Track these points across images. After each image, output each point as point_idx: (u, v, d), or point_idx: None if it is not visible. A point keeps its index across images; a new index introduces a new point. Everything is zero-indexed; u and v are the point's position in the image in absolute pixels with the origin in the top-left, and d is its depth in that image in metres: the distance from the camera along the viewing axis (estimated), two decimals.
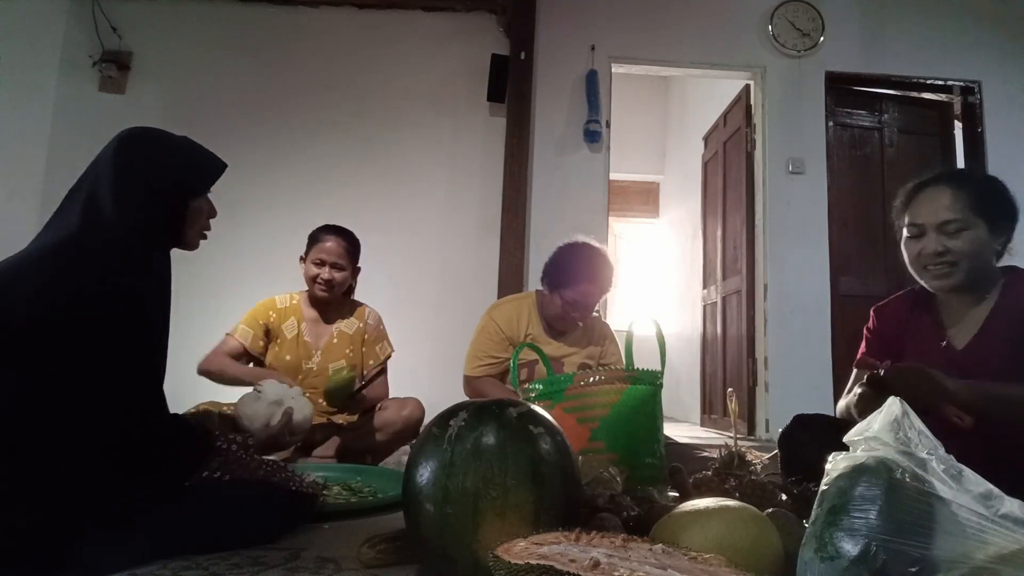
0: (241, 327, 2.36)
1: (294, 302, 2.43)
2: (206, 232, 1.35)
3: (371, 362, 2.46)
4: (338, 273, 2.35)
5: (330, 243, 2.35)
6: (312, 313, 2.43)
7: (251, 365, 2.35)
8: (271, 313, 2.39)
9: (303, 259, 2.40)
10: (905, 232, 1.47)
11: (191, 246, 1.33)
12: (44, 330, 1.08)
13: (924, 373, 1.27)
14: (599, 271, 2.27)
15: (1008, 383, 1.31)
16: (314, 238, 2.39)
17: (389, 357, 2.50)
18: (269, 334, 2.37)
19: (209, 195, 1.34)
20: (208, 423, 1.61)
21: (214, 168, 1.33)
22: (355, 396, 2.30)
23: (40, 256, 1.15)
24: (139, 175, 1.21)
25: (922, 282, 1.47)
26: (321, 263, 2.33)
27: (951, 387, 1.26)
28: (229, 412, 1.84)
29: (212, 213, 1.34)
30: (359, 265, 2.46)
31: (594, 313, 2.53)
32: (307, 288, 2.41)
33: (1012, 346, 1.37)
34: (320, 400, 2.31)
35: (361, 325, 2.47)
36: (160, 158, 1.25)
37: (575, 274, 2.25)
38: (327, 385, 2.24)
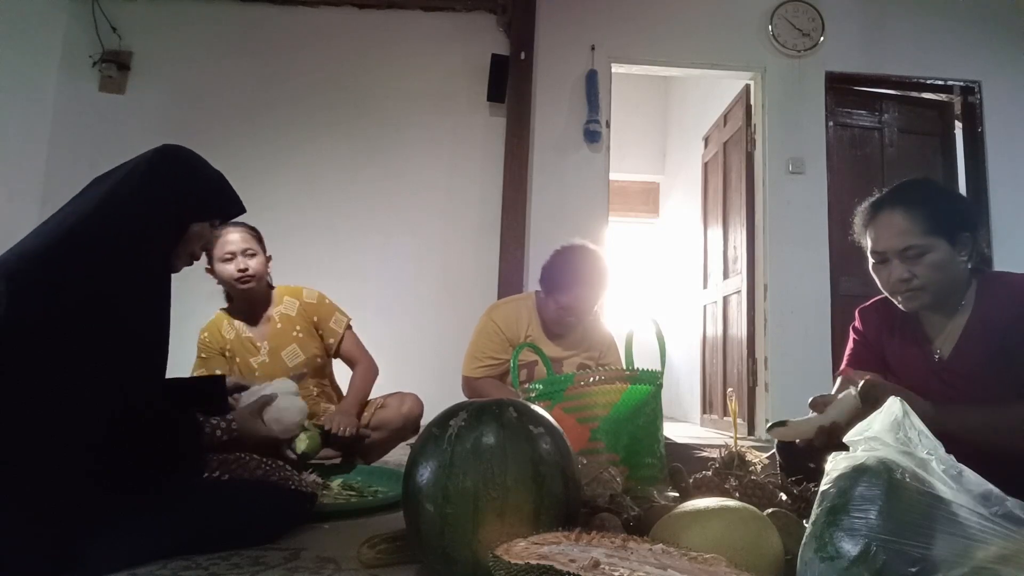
0: (194, 374, 2.20)
1: (220, 313, 2.31)
2: (194, 260, 1.36)
3: (331, 340, 2.33)
4: (252, 260, 2.17)
5: (231, 235, 2.16)
6: (243, 315, 2.29)
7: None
8: (204, 335, 2.27)
9: (209, 269, 2.20)
10: (870, 258, 1.49)
11: (174, 267, 1.33)
12: (46, 324, 1.08)
13: (896, 393, 1.27)
14: (592, 275, 2.25)
15: (974, 408, 1.32)
16: (211, 241, 2.14)
17: (349, 326, 2.38)
18: (225, 354, 2.25)
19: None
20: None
21: (231, 205, 1.37)
22: (342, 441, 2.12)
23: (49, 246, 1.14)
24: (167, 183, 1.25)
25: (896, 303, 1.48)
26: (232, 256, 2.15)
27: (919, 411, 1.27)
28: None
29: (208, 246, 1.35)
30: (269, 254, 2.29)
31: (599, 318, 2.53)
32: (225, 295, 2.28)
33: (991, 355, 1.38)
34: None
35: (302, 306, 2.32)
36: (190, 173, 1.31)
37: (568, 278, 2.23)
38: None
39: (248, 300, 2.25)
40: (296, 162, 4.10)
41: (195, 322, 2.28)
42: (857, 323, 1.65)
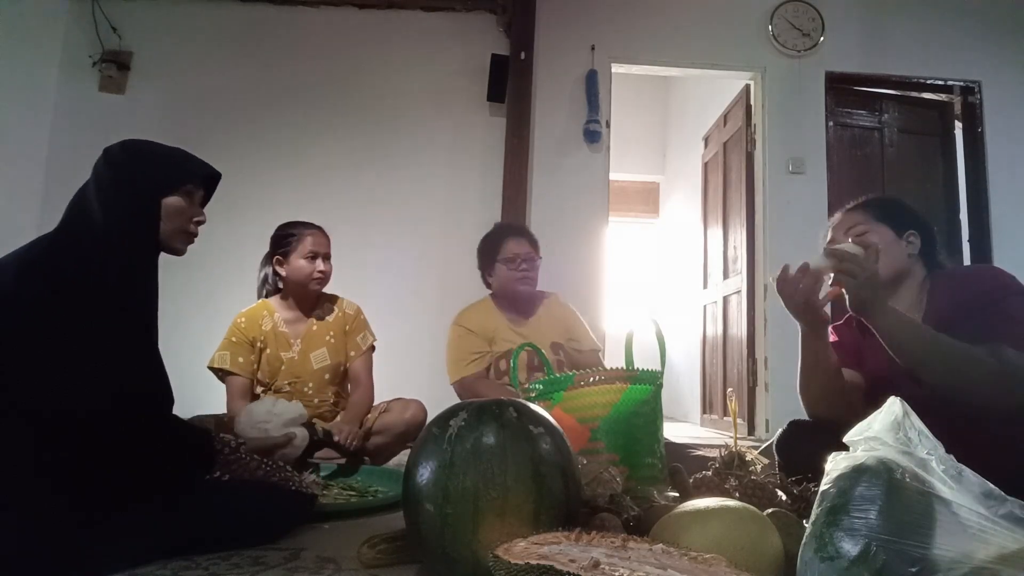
0: (217, 354, 2.24)
1: (262, 303, 2.35)
2: (192, 236, 1.34)
3: (352, 353, 2.38)
4: (329, 264, 2.31)
5: (316, 235, 2.29)
6: (287, 310, 2.34)
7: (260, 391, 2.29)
8: (240, 320, 2.29)
9: (281, 261, 2.27)
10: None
11: (172, 248, 1.32)
12: (29, 327, 1.08)
13: (863, 265, 1.33)
14: (511, 226, 2.49)
15: (949, 340, 1.33)
16: (294, 235, 2.27)
17: (372, 347, 2.44)
18: (255, 344, 2.28)
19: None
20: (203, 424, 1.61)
21: (191, 168, 1.33)
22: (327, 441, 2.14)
23: (21, 257, 1.16)
24: (119, 174, 1.24)
25: None
26: (314, 256, 2.25)
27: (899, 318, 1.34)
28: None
29: (194, 215, 1.34)
30: None
31: (554, 296, 2.63)
32: (268, 289, 2.33)
33: None
34: (306, 389, 2.29)
35: (341, 314, 2.40)
36: (140, 158, 1.29)
37: (493, 240, 2.46)
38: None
39: (304, 297, 2.32)
40: (296, 162, 4.10)
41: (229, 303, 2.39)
42: (833, 338, 1.73)
